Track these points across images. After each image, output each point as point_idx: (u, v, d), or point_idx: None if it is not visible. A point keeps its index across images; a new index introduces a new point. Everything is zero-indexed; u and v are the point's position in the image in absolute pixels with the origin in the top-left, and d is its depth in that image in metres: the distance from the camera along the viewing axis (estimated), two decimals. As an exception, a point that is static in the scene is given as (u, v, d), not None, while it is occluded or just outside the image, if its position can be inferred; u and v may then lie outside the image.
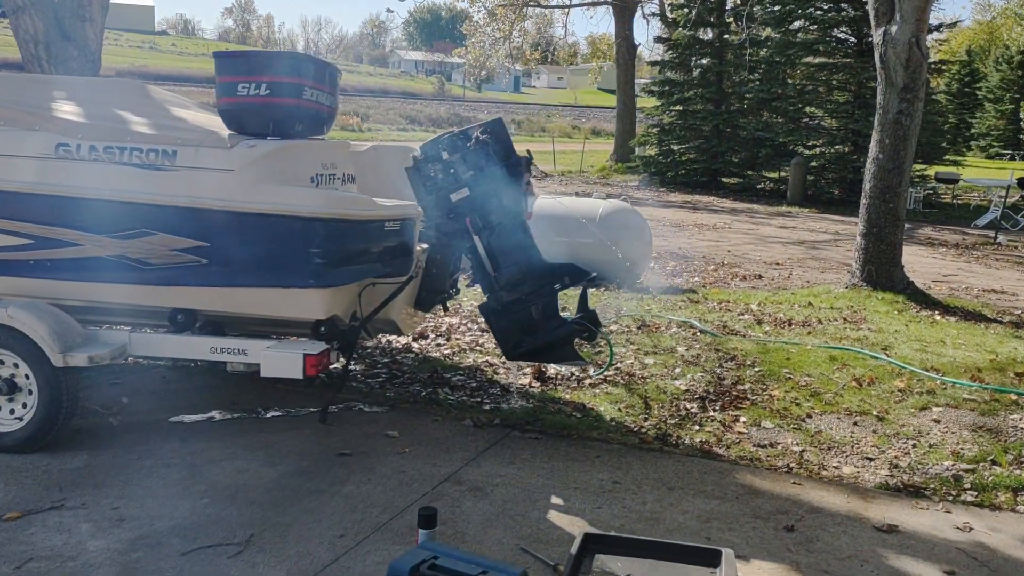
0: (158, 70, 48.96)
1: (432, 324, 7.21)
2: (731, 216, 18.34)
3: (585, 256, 9.19)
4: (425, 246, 4.99)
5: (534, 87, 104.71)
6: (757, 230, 16.14)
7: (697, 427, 5.12)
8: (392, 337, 6.67)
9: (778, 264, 12.08)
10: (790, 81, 23.55)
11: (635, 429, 5.03)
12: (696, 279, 10.53)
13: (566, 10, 31.45)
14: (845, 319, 7.94)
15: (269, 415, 5.08)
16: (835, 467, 4.63)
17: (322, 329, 4.53)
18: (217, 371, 5.69)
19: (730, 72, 24.57)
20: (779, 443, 4.93)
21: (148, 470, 4.27)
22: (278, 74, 4.28)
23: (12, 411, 4.40)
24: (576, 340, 5.24)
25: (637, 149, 27.07)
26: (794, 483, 4.39)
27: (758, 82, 23.81)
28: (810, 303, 8.71)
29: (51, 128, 4.37)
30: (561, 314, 5.30)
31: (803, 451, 4.81)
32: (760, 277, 10.89)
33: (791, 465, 4.61)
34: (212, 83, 4.63)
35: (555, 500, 4.09)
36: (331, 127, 4.80)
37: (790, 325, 7.66)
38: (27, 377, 4.35)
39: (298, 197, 4.19)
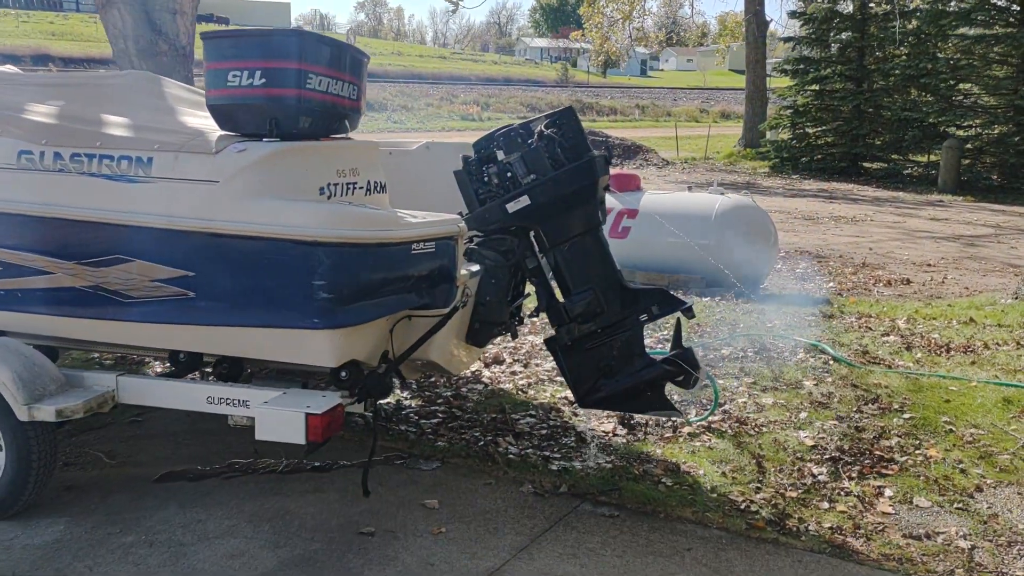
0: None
1: (512, 345, 6.24)
2: (873, 206, 16.53)
3: (698, 260, 8.03)
4: (476, 268, 4.01)
5: (662, 70, 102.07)
6: (904, 223, 14.38)
7: (826, 504, 3.94)
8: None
9: (929, 265, 10.48)
10: (941, 55, 21.20)
11: (742, 506, 3.90)
12: (831, 284, 9.14)
13: (692, -13, 29.74)
14: (1018, 342, 6.46)
15: (293, 466, 4.23)
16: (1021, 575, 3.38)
17: (343, 375, 3.63)
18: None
19: (873, 47, 22.44)
20: (939, 532, 3.70)
21: (125, 550, 3.48)
22: (276, 58, 3.39)
23: (-19, 470, 3.71)
24: (668, 384, 4.17)
25: (768, 133, 25.22)
26: (962, 605, 3.18)
27: (905, 57, 21.59)
28: (971, 319, 7.23)
29: (14, 133, 3.63)
30: (648, 351, 4.25)
31: (973, 548, 3.57)
32: (908, 282, 9.37)
33: (956, 571, 3.39)
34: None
35: (624, 622, 3.05)
36: (357, 123, 3.87)
37: (948, 351, 6.26)
38: (-5, 431, 3.64)
39: (296, 215, 3.28)
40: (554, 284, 4.24)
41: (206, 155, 3.38)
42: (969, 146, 19.95)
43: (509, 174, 4.05)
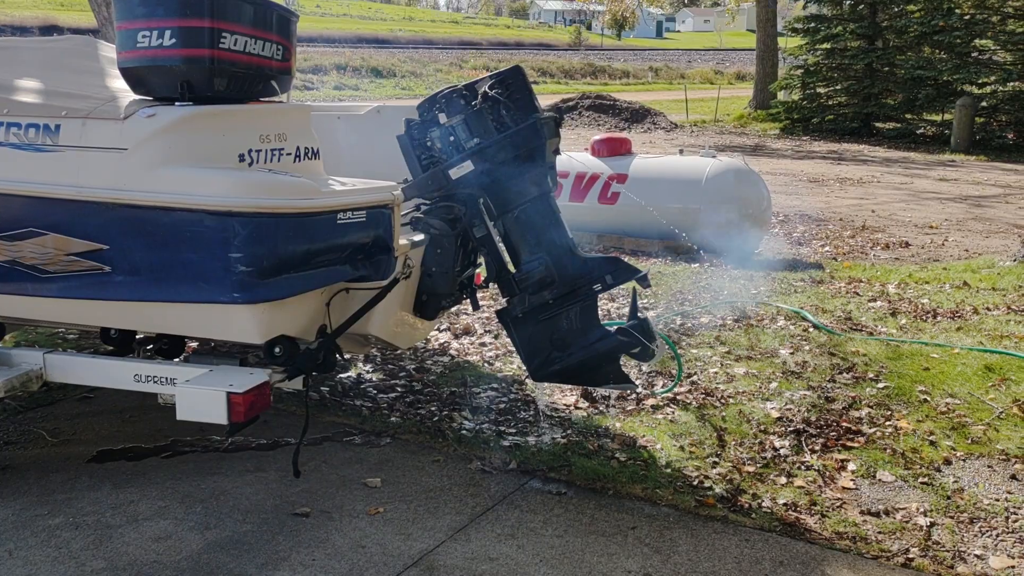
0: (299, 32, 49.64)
1: (485, 316, 6.07)
2: (882, 167, 16.18)
3: (690, 225, 7.80)
4: (420, 237, 3.84)
5: (678, 31, 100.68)
6: (911, 184, 14.05)
7: (784, 479, 3.78)
8: (432, 334, 5.59)
9: (932, 227, 10.20)
10: (956, 11, 20.60)
11: (695, 482, 3.74)
12: (827, 249, 8.91)
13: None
14: (1010, 307, 6.23)
15: (239, 446, 4.11)
16: (978, 556, 3.20)
17: (276, 351, 3.49)
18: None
19: (886, 3, 21.86)
20: (899, 508, 3.53)
21: (49, 533, 3.37)
22: (186, 16, 3.20)
23: (-93, 451, 3.62)
24: (624, 356, 4.00)
25: (779, 94, 24.73)
26: (913, 587, 3.02)
27: (919, 13, 21.01)
28: (965, 283, 6.99)
29: (-78, 102, 3.47)
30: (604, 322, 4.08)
31: (932, 525, 3.40)
32: (907, 245, 9.12)
33: (911, 551, 3.22)
34: (349, 43, 3.66)
35: (552, 607, 2.91)
36: (288, 85, 3.69)
37: (935, 316, 6.05)
38: (-82, 411, 3.54)
39: (209, 184, 3.12)
40: (505, 254, 4.07)
41: (114, 121, 3.21)
42: (983, 104, 19.47)
43: (452, 138, 3.86)
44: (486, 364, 5.25)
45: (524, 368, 4.98)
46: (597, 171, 8.73)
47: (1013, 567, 3.13)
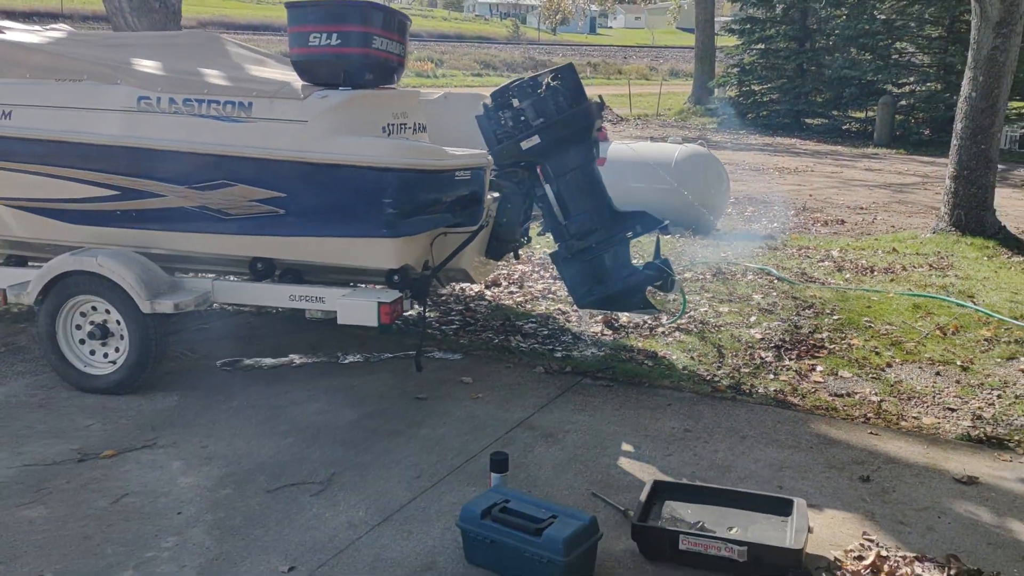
0: (236, 19, 49.82)
1: (504, 272, 7.25)
2: (814, 159, 17.80)
3: (660, 203, 9.09)
4: (496, 195, 5.00)
5: (611, 28, 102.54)
6: (841, 173, 15.65)
7: (772, 376, 5.07)
8: (465, 285, 6.74)
9: (862, 208, 11.72)
10: (879, 16, 22.49)
11: (708, 378, 5.01)
12: (775, 225, 10.30)
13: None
14: (931, 265, 7.68)
15: (348, 360, 5.21)
16: (915, 417, 4.53)
17: (395, 278, 4.61)
18: (298, 318, 5.84)
19: (815, 8, 23.62)
20: (856, 393, 4.85)
21: (234, 411, 4.45)
22: (348, 23, 4.30)
23: (106, 355, 4.63)
24: (649, 288, 5.21)
25: (716, 91, 26.38)
26: (871, 433, 4.32)
27: (844, 18, 22.84)
28: (894, 249, 8.45)
29: (132, 82, 4.49)
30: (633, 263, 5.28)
31: (881, 401, 4.72)
32: (843, 222, 10.59)
33: (868, 415, 4.54)
34: (286, 31, 4.71)
35: (625, 447, 4.12)
36: (401, 76, 4.80)
37: (872, 272, 7.45)
38: (118, 323, 4.55)
39: (370, 148, 4.23)
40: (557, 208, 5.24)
41: (296, 100, 4.30)
42: (903, 103, 21.33)
43: (522, 118, 5.01)
44: (519, 307, 6.42)
45: (553, 308, 6.19)
46: (580, 155, 9.95)
47: (938, 424, 4.47)
